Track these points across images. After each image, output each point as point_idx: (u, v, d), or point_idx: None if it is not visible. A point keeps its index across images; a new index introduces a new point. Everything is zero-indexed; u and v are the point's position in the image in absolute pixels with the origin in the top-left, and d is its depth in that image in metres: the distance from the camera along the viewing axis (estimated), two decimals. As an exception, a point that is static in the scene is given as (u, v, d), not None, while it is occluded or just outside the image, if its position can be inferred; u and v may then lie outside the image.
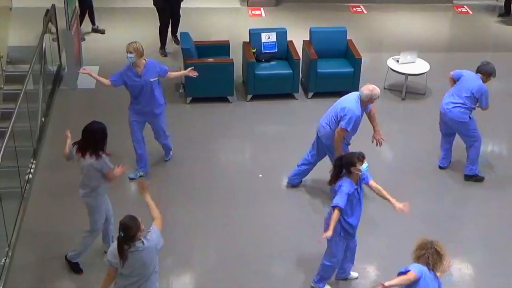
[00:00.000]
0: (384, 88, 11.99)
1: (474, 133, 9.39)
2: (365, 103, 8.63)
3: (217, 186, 9.48)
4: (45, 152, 10.01)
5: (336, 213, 7.06)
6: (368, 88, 8.59)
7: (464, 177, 9.66)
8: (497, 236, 8.74)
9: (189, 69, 9.44)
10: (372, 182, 7.35)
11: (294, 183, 9.46)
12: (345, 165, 7.16)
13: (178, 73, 9.73)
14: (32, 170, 9.46)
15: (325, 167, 9.25)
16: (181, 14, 12.82)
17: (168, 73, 9.19)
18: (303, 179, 9.50)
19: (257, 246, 8.42)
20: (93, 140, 7.33)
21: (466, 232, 8.90)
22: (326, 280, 7.75)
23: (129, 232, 6.08)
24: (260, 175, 9.71)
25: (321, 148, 9.06)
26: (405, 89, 11.77)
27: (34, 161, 9.65)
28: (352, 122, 8.54)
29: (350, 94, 8.92)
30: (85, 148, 7.35)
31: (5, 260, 7.91)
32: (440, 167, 9.89)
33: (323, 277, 7.69)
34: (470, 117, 9.29)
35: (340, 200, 7.04)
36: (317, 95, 11.61)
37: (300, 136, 10.54)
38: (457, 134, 9.56)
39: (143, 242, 6.17)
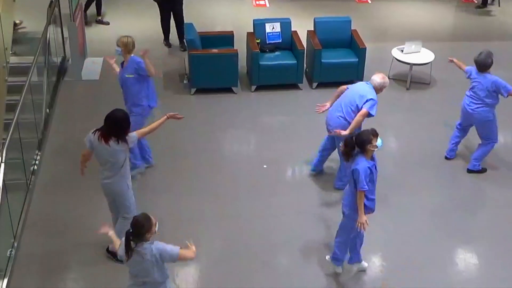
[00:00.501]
0: (389, 78, 11.95)
1: (494, 133, 9.43)
2: (378, 91, 8.61)
3: (221, 177, 9.48)
4: (50, 143, 10.02)
5: (361, 196, 7.15)
6: (379, 76, 8.60)
7: (466, 170, 9.65)
8: (502, 226, 8.72)
9: (142, 51, 8.87)
10: None
11: (319, 169, 9.49)
12: (360, 143, 7.13)
13: (149, 65, 8.81)
14: (37, 162, 9.48)
15: (330, 158, 9.28)
16: (183, 15, 12.71)
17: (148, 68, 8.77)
18: (308, 171, 9.54)
19: (262, 237, 8.42)
20: (118, 128, 7.31)
21: (471, 222, 8.89)
22: (340, 261, 7.84)
23: (138, 229, 6.04)
24: (265, 166, 9.70)
25: (332, 138, 9.08)
26: (409, 79, 11.74)
27: (39, 153, 9.67)
28: (375, 108, 8.53)
29: (358, 84, 8.87)
30: (109, 135, 7.31)
31: (11, 251, 7.94)
32: (447, 158, 9.88)
33: (339, 257, 7.79)
34: (493, 114, 9.30)
35: (365, 183, 7.11)
36: (321, 85, 11.58)
37: (305, 126, 10.53)
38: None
39: (151, 246, 6.11)
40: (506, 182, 9.53)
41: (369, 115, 8.51)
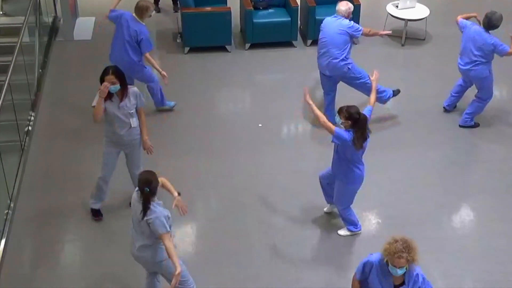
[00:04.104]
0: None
1: (490, 90, 9.37)
2: (348, 17, 9.05)
3: (217, 136, 9.46)
4: (44, 104, 9.97)
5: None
6: (343, 4, 9.01)
7: (458, 125, 9.64)
8: (497, 181, 8.75)
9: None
10: None
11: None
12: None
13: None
14: (31, 123, 9.44)
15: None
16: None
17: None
18: (304, 129, 9.53)
19: (258, 196, 8.44)
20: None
21: (467, 178, 8.92)
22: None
23: (153, 186, 6.12)
24: (260, 125, 9.68)
25: (333, 81, 9.31)
26: (404, 35, 11.66)
27: (33, 114, 9.61)
28: (356, 27, 9.06)
29: (329, 22, 9.09)
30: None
31: (8, 212, 7.95)
32: (445, 109, 9.87)
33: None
34: (489, 71, 9.23)
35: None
36: (316, 42, 11.43)
37: (299, 84, 10.48)
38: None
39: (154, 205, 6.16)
40: (500, 137, 9.53)
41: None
